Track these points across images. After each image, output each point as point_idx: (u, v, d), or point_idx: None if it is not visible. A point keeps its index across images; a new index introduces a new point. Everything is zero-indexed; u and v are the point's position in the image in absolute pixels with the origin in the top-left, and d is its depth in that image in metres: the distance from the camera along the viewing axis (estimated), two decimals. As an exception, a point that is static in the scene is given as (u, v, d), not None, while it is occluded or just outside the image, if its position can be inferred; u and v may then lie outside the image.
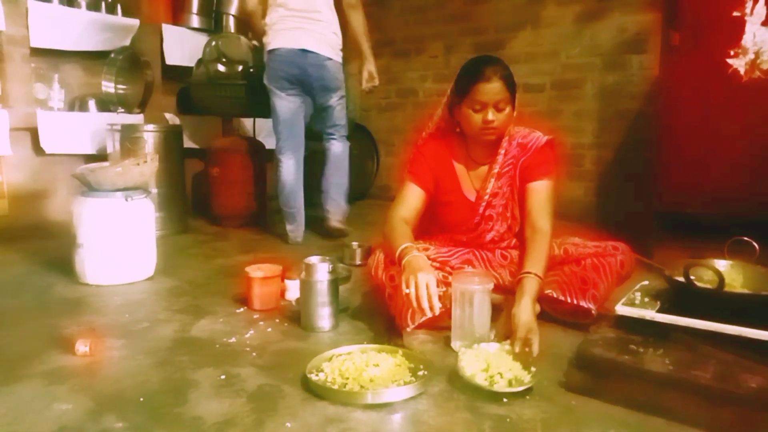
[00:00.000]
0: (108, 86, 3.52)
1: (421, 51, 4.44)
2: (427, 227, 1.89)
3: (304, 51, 2.79)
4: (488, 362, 1.32)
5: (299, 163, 3.01)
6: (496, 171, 1.75)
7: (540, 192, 1.71)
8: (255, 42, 3.63)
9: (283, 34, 2.80)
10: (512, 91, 1.65)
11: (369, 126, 4.73)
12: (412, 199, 1.76)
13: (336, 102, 2.98)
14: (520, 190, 1.75)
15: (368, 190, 4.66)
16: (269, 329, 1.73)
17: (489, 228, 1.78)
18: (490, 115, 1.63)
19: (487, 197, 1.76)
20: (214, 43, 3.51)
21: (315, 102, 2.99)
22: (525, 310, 1.44)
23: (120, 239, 2.19)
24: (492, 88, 1.60)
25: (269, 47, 2.84)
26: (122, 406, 1.24)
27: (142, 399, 1.27)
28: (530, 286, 1.50)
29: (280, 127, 2.95)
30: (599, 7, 3.50)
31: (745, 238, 1.50)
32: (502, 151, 1.75)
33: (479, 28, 4.06)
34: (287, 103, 2.91)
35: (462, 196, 1.79)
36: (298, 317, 1.75)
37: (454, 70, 1.88)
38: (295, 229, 2.99)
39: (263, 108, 3.10)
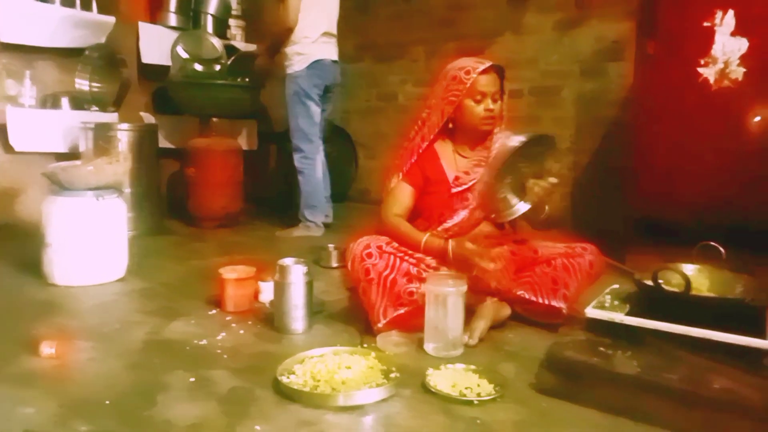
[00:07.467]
0: (82, 84, 3.44)
1: (402, 55, 4.45)
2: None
3: (334, 62, 3.20)
4: (455, 381, 1.32)
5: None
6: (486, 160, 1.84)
7: None
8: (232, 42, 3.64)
9: (321, 46, 3.11)
10: (503, 84, 1.83)
11: (349, 129, 4.72)
12: (404, 197, 1.87)
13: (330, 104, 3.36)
14: None
15: (347, 193, 4.64)
16: (242, 331, 1.71)
17: (464, 206, 1.83)
18: (491, 104, 1.79)
19: (470, 182, 1.83)
20: (180, 44, 3.51)
21: (322, 105, 3.26)
22: None
23: (90, 239, 2.15)
24: (491, 79, 1.79)
25: (313, 58, 3.07)
26: (90, 409, 1.22)
27: (108, 402, 1.24)
28: None
29: (313, 129, 3.18)
30: (578, 16, 3.55)
31: (712, 243, 1.53)
32: (497, 144, 1.83)
33: (461, 34, 4.08)
34: (318, 108, 3.19)
35: (446, 184, 1.86)
36: (271, 319, 1.74)
37: (434, 73, 1.94)
38: (323, 218, 3.29)
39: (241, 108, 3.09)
